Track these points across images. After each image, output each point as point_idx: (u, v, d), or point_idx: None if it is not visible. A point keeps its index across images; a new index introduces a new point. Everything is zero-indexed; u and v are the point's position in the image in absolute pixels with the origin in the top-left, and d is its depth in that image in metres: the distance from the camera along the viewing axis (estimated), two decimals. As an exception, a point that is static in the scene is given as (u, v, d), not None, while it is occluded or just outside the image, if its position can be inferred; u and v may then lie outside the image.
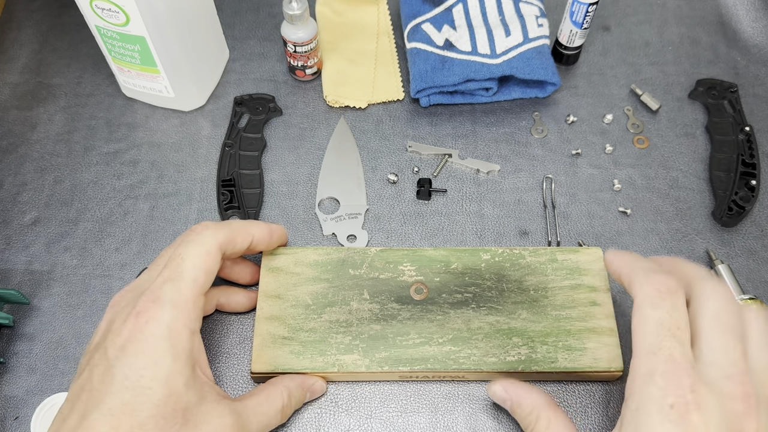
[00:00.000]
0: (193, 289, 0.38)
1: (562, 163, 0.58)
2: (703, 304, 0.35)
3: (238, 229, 0.43)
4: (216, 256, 0.40)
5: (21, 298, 0.49)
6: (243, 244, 0.43)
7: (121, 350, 0.36)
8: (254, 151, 0.58)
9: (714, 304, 0.35)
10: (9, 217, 0.55)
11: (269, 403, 0.42)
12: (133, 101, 0.62)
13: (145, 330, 0.36)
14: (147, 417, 0.34)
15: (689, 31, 0.67)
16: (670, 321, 0.34)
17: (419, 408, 0.47)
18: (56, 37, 0.66)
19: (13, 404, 0.47)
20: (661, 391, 0.32)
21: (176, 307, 0.37)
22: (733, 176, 0.56)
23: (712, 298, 0.35)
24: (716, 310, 0.35)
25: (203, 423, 0.36)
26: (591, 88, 0.63)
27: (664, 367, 0.33)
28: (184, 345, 0.37)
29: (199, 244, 0.40)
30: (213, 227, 0.41)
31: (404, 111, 0.61)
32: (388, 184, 0.57)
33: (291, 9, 0.56)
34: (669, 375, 0.32)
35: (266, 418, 0.41)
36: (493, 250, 0.50)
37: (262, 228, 0.45)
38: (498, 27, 0.60)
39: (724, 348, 0.34)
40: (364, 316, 0.47)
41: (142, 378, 0.35)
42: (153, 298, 0.37)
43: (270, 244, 0.47)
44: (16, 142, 0.59)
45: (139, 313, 0.37)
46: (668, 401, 0.32)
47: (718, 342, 0.34)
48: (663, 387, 0.32)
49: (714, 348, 0.34)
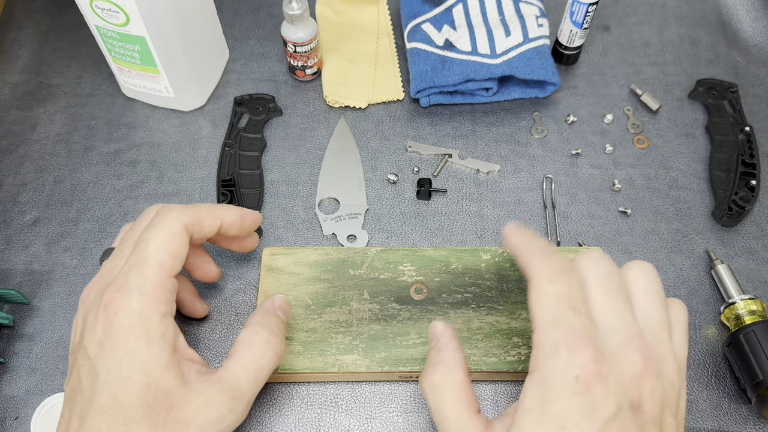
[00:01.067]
0: (159, 272, 0.37)
1: (562, 163, 0.58)
2: (587, 275, 0.36)
3: (205, 211, 0.42)
4: (182, 238, 0.39)
5: (21, 298, 0.49)
6: (211, 228, 0.42)
7: (100, 347, 0.36)
8: (254, 151, 0.58)
9: (596, 271, 0.36)
10: (9, 217, 0.55)
11: (250, 350, 0.39)
12: (133, 101, 0.62)
13: (116, 322, 0.36)
14: (134, 408, 0.34)
15: (689, 31, 0.67)
16: (568, 294, 0.34)
17: (419, 408, 0.47)
18: (56, 37, 0.66)
19: (13, 404, 0.47)
20: (565, 363, 0.32)
21: (143, 293, 0.36)
22: (733, 176, 0.56)
23: (593, 266, 0.36)
24: (599, 276, 0.36)
25: (188, 403, 0.36)
26: (591, 88, 0.63)
27: (567, 338, 0.33)
28: (156, 329, 0.36)
29: (163, 226, 0.39)
30: (178, 209, 0.40)
31: (404, 111, 0.61)
32: (388, 184, 0.57)
33: (291, 9, 0.56)
34: (572, 346, 0.33)
35: (256, 366, 0.39)
36: (493, 250, 0.50)
37: (232, 211, 0.44)
38: (498, 27, 0.60)
39: (615, 313, 0.35)
40: (364, 316, 0.47)
41: (121, 370, 0.35)
42: (118, 287, 0.36)
43: (242, 228, 0.45)
44: (16, 142, 0.59)
45: (107, 305, 0.36)
46: (573, 373, 0.32)
47: (608, 307, 0.35)
48: (567, 358, 0.32)
49: (606, 314, 0.35)
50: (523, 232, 0.39)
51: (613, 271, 0.36)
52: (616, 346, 0.33)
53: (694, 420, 0.46)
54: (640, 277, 0.37)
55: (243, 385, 0.38)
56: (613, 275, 0.36)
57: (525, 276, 0.37)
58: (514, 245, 0.39)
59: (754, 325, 0.46)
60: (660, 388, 0.33)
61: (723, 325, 0.50)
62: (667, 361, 0.35)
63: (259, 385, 0.39)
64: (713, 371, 0.48)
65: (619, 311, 0.35)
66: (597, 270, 0.36)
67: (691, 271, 0.53)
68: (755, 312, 0.47)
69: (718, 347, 0.49)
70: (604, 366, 0.32)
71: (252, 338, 0.40)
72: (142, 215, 0.43)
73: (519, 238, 0.39)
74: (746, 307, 0.48)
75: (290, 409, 0.46)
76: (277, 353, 0.40)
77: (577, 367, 0.32)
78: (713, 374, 0.48)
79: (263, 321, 0.41)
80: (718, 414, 0.47)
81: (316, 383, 0.47)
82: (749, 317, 0.47)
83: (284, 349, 0.41)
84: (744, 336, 0.46)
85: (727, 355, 0.47)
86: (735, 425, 0.46)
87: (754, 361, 0.44)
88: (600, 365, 0.32)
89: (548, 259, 0.36)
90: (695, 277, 0.52)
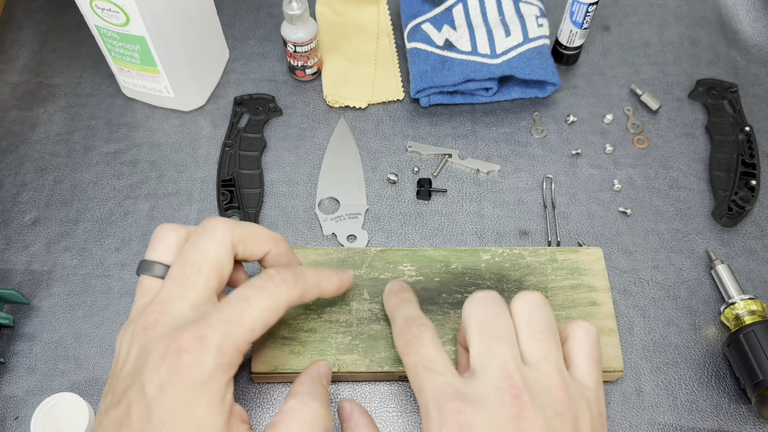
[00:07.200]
0: (248, 339, 0.35)
1: (562, 163, 0.58)
2: (469, 320, 0.37)
3: (311, 284, 0.39)
4: (282, 312, 0.37)
5: (21, 298, 0.49)
6: (310, 299, 0.40)
7: (160, 390, 0.33)
8: (254, 151, 0.58)
9: (476, 315, 0.37)
10: (9, 217, 0.55)
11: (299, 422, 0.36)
12: (133, 101, 0.62)
13: (186, 373, 0.33)
14: None
15: (689, 31, 0.67)
16: (420, 359, 0.36)
17: (419, 408, 0.47)
18: (56, 37, 0.66)
19: (13, 404, 0.47)
20: (436, 424, 0.33)
21: (222, 354, 0.34)
22: (733, 176, 0.56)
23: (474, 311, 0.37)
24: (479, 320, 0.37)
25: None
26: (591, 88, 0.63)
27: (430, 400, 0.34)
28: (221, 392, 0.34)
29: (272, 297, 0.36)
30: (291, 280, 0.37)
31: (404, 111, 0.61)
32: (388, 184, 0.57)
33: (291, 9, 0.56)
34: (437, 406, 0.34)
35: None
36: (493, 250, 0.50)
37: (332, 281, 0.41)
38: (498, 27, 0.60)
39: (487, 356, 0.35)
40: (364, 316, 0.47)
41: (176, 423, 0.33)
42: (200, 338, 0.34)
43: (338, 293, 0.42)
44: (16, 142, 0.59)
45: (181, 352, 0.33)
46: (444, 430, 0.33)
47: (481, 353, 0.35)
48: (437, 419, 0.33)
49: (478, 359, 0.35)
50: (395, 295, 0.43)
51: (490, 311, 0.37)
52: (486, 390, 0.34)
53: (694, 420, 0.46)
54: (524, 310, 0.37)
55: None
56: (490, 315, 0.37)
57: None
58: (386, 308, 0.43)
59: (754, 325, 0.46)
60: (542, 422, 0.33)
61: (723, 325, 0.50)
62: (553, 392, 0.34)
63: None
64: (713, 371, 0.48)
65: (490, 354, 0.35)
66: (477, 313, 0.37)
67: (691, 271, 0.53)
68: (755, 312, 0.47)
69: (718, 347, 0.49)
70: (470, 415, 0.33)
71: (301, 410, 0.37)
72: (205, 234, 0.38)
73: (390, 302, 0.42)
74: (746, 307, 0.48)
75: (290, 409, 0.46)
76: (325, 427, 0.37)
77: (444, 426, 0.33)
78: (713, 374, 0.48)
79: (312, 391, 0.38)
80: (718, 414, 0.47)
81: (316, 383, 0.47)
82: (749, 317, 0.47)
83: (332, 422, 0.38)
84: (744, 336, 0.46)
85: (727, 355, 0.47)
86: (735, 425, 0.46)
87: (754, 361, 0.44)
88: (465, 415, 0.33)
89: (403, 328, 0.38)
90: (695, 277, 0.52)
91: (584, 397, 0.35)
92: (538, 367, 0.35)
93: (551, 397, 0.34)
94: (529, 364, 0.35)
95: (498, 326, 0.36)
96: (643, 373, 0.48)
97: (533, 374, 0.34)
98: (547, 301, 0.38)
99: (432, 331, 0.38)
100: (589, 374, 0.36)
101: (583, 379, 0.36)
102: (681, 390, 0.48)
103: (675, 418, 0.46)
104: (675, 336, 0.50)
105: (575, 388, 0.35)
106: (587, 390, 0.35)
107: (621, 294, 0.51)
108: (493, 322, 0.36)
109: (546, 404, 0.33)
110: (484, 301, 0.37)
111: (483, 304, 0.37)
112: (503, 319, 0.37)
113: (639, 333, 0.50)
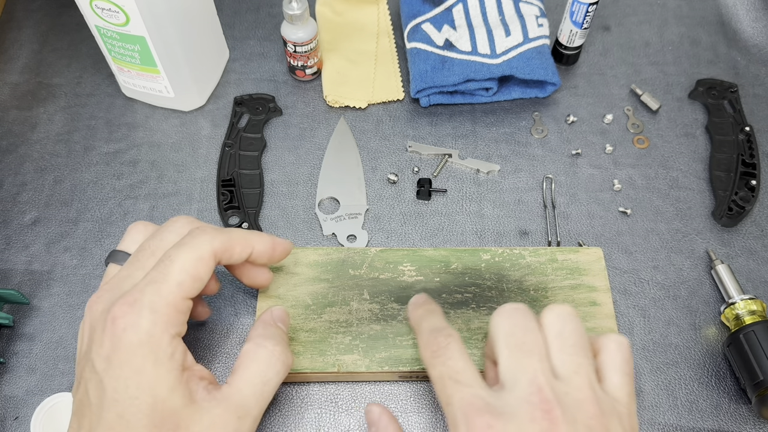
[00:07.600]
0: (176, 293, 0.36)
1: (562, 163, 0.58)
2: (496, 333, 0.37)
3: (237, 238, 0.40)
4: (209, 262, 0.38)
5: (21, 298, 0.49)
6: (241, 255, 0.41)
7: (107, 362, 0.35)
8: (254, 151, 0.58)
9: (504, 328, 0.37)
10: (9, 217, 0.55)
11: (255, 363, 0.38)
12: (133, 101, 0.62)
13: (123, 338, 0.35)
14: (141, 427, 0.34)
15: (689, 31, 0.67)
16: (447, 371, 0.36)
17: (419, 408, 0.47)
18: (56, 37, 0.66)
19: (13, 404, 0.47)
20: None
21: (155, 312, 0.35)
22: (733, 176, 0.56)
23: (502, 323, 0.37)
24: (506, 333, 0.36)
25: (194, 423, 0.35)
26: (591, 88, 0.63)
27: (458, 412, 0.34)
28: (165, 350, 0.35)
29: (192, 247, 0.37)
30: (211, 232, 0.39)
31: (404, 111, 0.61)
32: (388, 184, 0.57)
33: (291, 9, 0.56)
34: (465, 419, 0.33)
35: (261, 380, 0.38)
36: (493, 250, 0.50)
37: (264, 240, 0.42)
38: (498, 27, 0.60)
39: (517, 370, 0.35)
40: (364, 316, 0.47)
41: (128, 389, 0.34)
42: (130, 302, 0.35)
43: (272, 258, 0.43)
44: (16, 142, 0.59)
45: (115, 319, 0.35)
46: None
47: (511, 366, 0.35)
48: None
49: (508, 373, 0.35)
50: (420, 308, 0.42)
51: (518, 324, 0.36)
52: (517, 404, 0.33)
53: (694, 420, 0.46)
54: (554, 323, 0.37)
55: (249, 402, 0.37)
56: (518, 329, 0.36)
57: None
58: (411, 320, 0.42)
59: (754, 325, 0.46)
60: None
61: (723, 325, 0.50)
62: (585, 406, 0.33)
63: (266, 400, 0.38)
64: (713, 371, 0.48)
65: (520, 368, 0.35)
66: (505, 327, 0.37)
67: (691, 271, 0.53)
68: (755, 312, 0.47)
69: (718, 347, 0.49)
70: (500, 429, 0.32)
71: (256, 351, 0.39)
72: (166, 226, 0.41)
73: (415, 314, 0.42)
74: (746, 307, 0.48)
75: (290, 409, 0.46)
76: (285, 363, 0.39)
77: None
78: (713, 374, 0.48)
79: (265, 333, 0.40)
80: (718, 414, 0.47)
81: (316, 383, 0.47)
82: (749, 317, 0.47)
83: (291, 358, 0.40)
84: (744, 336, 0.46)
85: (727, 355, 0.47)
86: (735, 425, 0.46)
87: (754, 361, 0.45)
88: (493, 430, 0.32)
89: (429, 339, 0.38)
90: (695, 277, 0.52)
91: (616, 411, 0.34)
92: (570, 381, 0.34)
93: (583, 411, 0.33)
94: (561, 378, 0.35)
95: (527, 339, 0.36)
96: (643, 373, 0.48)
97: (565, 388, 0.34)
98: (577, 313, 0.38)
99: (459, 341, 0.37)
100: (621, 388, 0.36)
101: (615, 393, 0.35)
102: (681, 390, 0.48)
103: (675, 418, 0.46)
104: (675, 336, 0.50)
105: (607, 402, 0.34)
106: (619, 404, 0.35)
107: (621, 294, 0.51)
108: (521, 335, 0.36)
109: (578, 419, 0.33)
110: (512, 313, 0.37)
111: (511, 316, 0.37)
112: (533, 332, 0.36)
113: (639, 333, 0.50)
